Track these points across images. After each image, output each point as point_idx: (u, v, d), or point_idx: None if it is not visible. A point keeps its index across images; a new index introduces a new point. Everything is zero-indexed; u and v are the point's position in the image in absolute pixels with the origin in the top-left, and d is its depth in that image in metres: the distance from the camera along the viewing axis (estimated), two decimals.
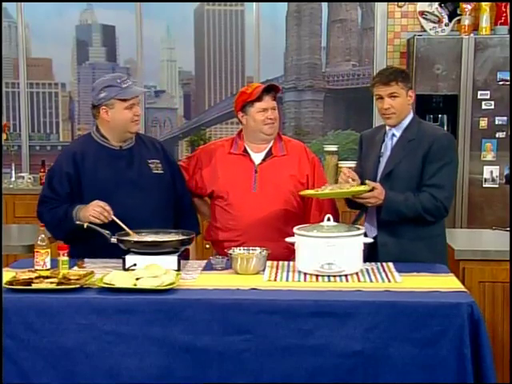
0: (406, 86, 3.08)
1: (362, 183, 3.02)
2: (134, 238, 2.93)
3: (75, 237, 3.07)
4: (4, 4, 6.24)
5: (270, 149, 3.34)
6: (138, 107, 3.18)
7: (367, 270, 2.82)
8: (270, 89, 3.28)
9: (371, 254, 3.00)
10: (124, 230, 2.96)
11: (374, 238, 3.04)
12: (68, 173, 3.14)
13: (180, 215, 3.32)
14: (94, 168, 3.15)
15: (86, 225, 2.97)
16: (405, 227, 3.05)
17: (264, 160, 3.32)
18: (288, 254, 3.06)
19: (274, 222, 3.23)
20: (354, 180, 3.01)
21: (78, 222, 3.00)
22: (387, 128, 3.18)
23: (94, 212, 2.99)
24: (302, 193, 3.14)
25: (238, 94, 3.38)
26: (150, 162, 3.24)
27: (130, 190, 3.13)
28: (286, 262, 2.97)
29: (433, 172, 3.03)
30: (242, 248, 2.90)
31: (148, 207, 3.12)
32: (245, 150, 3.34)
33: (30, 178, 5.91)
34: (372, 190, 2.96)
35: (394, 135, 3.15)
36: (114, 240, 2.92)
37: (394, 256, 3.01)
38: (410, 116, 3.15)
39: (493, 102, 5.20)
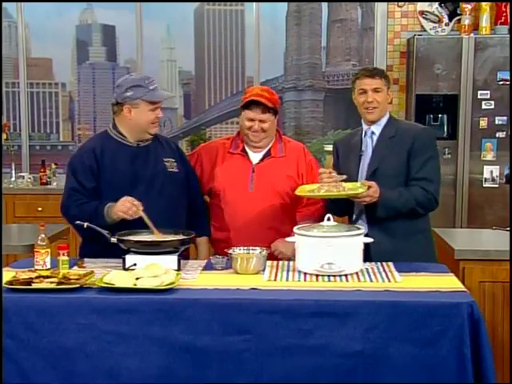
0: (387, 85, 3.19)
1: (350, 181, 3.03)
2: (159, 237, 2.93)
3: (92, 235, 3.02)
4: (4, 4, 6.24)
5: (269, 149, 3.34)
6: (160, 110, 3.19)
7: (367, 269, 2.82)
8: (259, 103, 3.21)
9: (364, 252, 2.99)
10: (149, 228, 2.96)
11: (365, 235, 3.05)
12: (91, 166, 3.12)
13: (192, 216, 3.31)
14: (112, 164, 3.14)
15: (85, 224, 2.96)
16: (395, 223, 3.09)
17: (262, 160, 3.32)
18: None
19: (269, 222, 3.23)
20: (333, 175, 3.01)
21: (77, 222, 2.98)
22: (365, 127, 3.21)
23: (123, 207, 2.97)
24: (298, 192, 3.10)
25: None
26: (165, 160, 3.23)
27: (144, 187, 3.12)
28: (285, 262, 2.97)
29: (419, 166, 3.09)
30: (242, 248, 2.89)
31: (160, 205, 3.10)
32: (243, 150, 3.34)
33: (29, 178, 5.90)
34: (368, 189, 2.96)
35: (373, 133, 3.19)
36: (114, 240, 2.91)
37: (386, 253, 3.02)
38: (387, 115, 3.23)
39: (493, 102, 5.20)
